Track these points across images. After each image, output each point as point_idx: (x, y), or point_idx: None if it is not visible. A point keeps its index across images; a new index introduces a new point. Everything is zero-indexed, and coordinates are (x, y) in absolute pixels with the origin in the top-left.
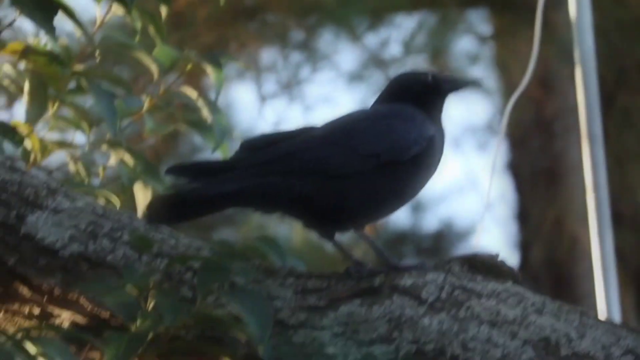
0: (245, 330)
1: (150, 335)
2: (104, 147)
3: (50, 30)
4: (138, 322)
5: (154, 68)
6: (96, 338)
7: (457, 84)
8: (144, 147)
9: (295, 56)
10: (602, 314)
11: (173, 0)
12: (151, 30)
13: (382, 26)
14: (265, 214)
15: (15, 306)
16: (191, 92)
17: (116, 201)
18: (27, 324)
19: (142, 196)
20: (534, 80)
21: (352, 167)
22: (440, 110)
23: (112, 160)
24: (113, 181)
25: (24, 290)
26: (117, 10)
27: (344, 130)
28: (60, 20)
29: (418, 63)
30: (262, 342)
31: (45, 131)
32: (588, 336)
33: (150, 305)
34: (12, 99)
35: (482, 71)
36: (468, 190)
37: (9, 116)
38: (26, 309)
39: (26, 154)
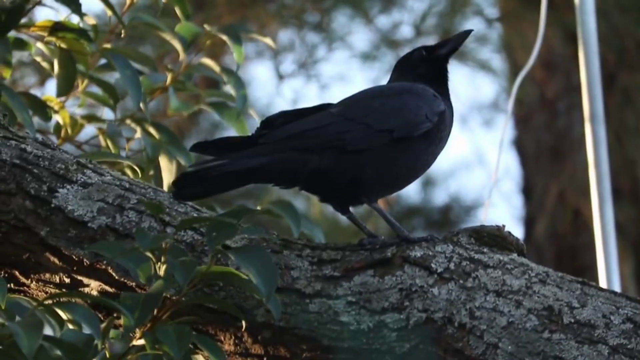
0: (252, 287)
1: (165, 294)
2: (129, 121)
3: (77, 7)
4: (152, 282)
5: (177, 44)
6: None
7: (449, 44)
8: (167, 122)
9: (312, 37)
10: (603, 284)
11: None
12: (177, 10)
13: (394, 8)
14: (284, 188)
15: (47, 276)
16: (213, 65)
17: (141, 172)
18: (57, 292)
19: (167, 168)
20: (538, 60)
21: (367, 142)
22: (446, 81)
23: (138, 134)
24: (138, 153)
25: (55, 260)
26: None
27: (359, 107)
28: (88, 0)
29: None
30: (268, 297)
31: (75, 107)
32: (589, 305)
33: (164, 266)
34: (44, 77)
35: (489, 52)
36: (475, 166)
37: (40, 93)
38: (57, 278)
39: (58, 128)
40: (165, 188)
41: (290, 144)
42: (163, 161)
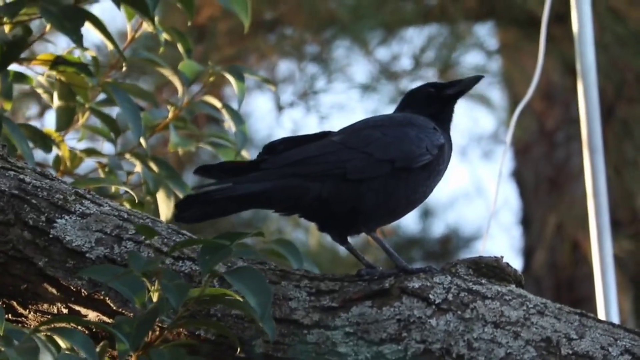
0: (246, 309)
1: (158, 317)
2: (129, 155)
3: (78, 39)
4: (146, 307)
5: (177, 82)
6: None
7: (458, 86)
8: (167, 155)
9: (311, 68)
10: (601, 316)
11: (196, 12)
12: (179, 46)
13: (394, 40)
14: (284, 215)
15: (45, 306)
16: (215, 102)
17: (140, 207)
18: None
19: (165, 202)
20: (537, 92)
21: (368, 171)
22: (449, 118)
23: (138, 168)
24: (137, 187)
25: (53, 291)
26: (148, 27)
27: (360, 136)
28: (91, 33)
29: (428, 76)
30: (263, 319)
31: (75, 141)
32: (587, 336)
33: (157, 290)
34: (44, 107)
35: (488, 84)
36: (474, 197)
37: (40, 124)
38: (54, 309)
39: (58, 161)
40: (163, 220)
41: (292, 170)
42: (161, 196)
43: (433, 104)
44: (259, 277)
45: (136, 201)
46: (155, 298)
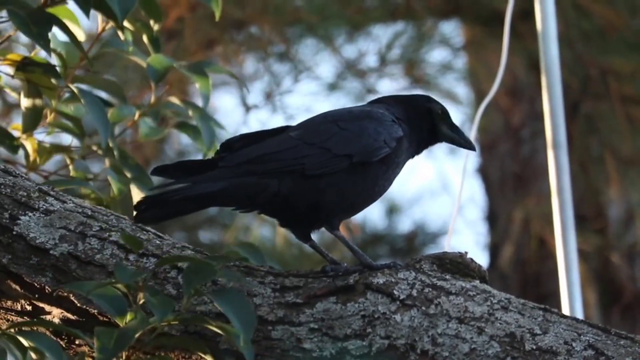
0: (228, 330)
1: (139, 332)
2: (99, 152)
3: (45, 44)
4: (127, 318)
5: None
6: (85, 333)
7: (456, 131)
8: (133, 151)
9: (278, 67)
10: (566, 311)
11: (163, 16)
12: (145, 40)
13: (360, 37)
14: (245, 212)
15: (8, 303)
16: (177, 102)
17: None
18: (19, 320)
19: (138, 196)
20: (502, 88)
21: (326, 167)
22: (421, 132)
23: (106, 163)
24: (106, 186)
25: (17, 288)
26: (117, 29)
27: (318, 131)
28: (59, 31)
29: (393, 73)
30: (246, 341)
31: (43, 135)
32: (551, 332)
33: (140, 302)
34: (10, 107)
35: (453, 80)
36: (440, 193)
37: (6, 123)
38: (18, 306)
39: (27, 157)
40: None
41: (250, 168)
42: (134, 190)
43: (427, 120)
44: (242, 300)
45: (104, 203)
46: (136, 310)
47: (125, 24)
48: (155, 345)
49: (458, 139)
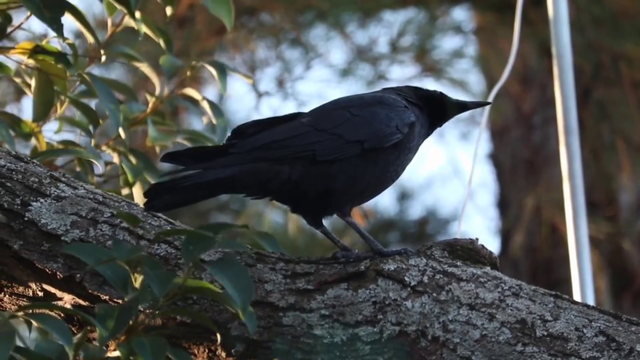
0: (226, 298)
1: (140, 306)
2: (106, 147)
3: (58, 28)
4: (129, 294)
5: (155, 78)
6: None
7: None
8: (145, 149)
9: (290, 53)
10: (577, 298)
11: (177, 3)
12: (160, 42)
13: (371, 24)
14: (256, 199)
15: (20, 289)
16: (195, 94)
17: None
18: (29, 304)
19: (140, 194)
20: (514, 74)
21: (337, 153)
22: (436, 114)
23: (115, 159)
24: (114, 178)
25: (28, 274)
26: (129, 21)
27: (330, 118)
28: (71, 23)
29: (404, 59)
30: (244, 310)
31: (52, 132)
32: (562, 318)
33: (140, 278)
34: (20, 94)
35: (464, 67)
36: (452, 179)
37: (17, 109)
38: (30, 292)
39: (35, 152)
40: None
41: (261, 154)
42: (136, 188)
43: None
44: (240, 269)
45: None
46: (137, 285)
47: (143, 28)
48: (162, 330)
49: (471, 102)
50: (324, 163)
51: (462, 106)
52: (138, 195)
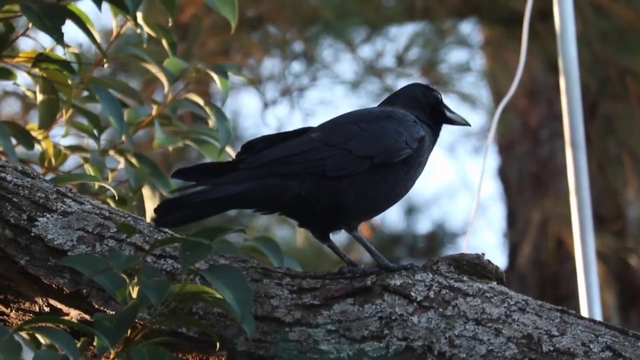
0: (224, 306)
1: (139, 314)
2: (113, 152)
3: (59, 37)
4: (127, 303)
5: (163, 78)
6: None
7: (450, 116)
8: (153, 153)
9: (296, 65)
10: (584, 312)
11: (179, 11)
12: (163, 42)
13: (378, 37)
14: (265, 214)
15: (27, 304)
16: (198, 99)
17: (124, 203)
18: (34, 318)
19: (150, 198)
20: (521, 89)
21: (347, 168)
22: (438, 120)
23: (122, 164)
24: (122, 183)
25: (35, 289)
26: (132, 23)
27: (339, 133)
28: (75, 30)
29: (411, 73)
30: (242, 317)
31: (59, 137)
32: (569, 333)
33: (137, 287)
34: (27, 107)
35: (471, 81)
36: (461, 193)
37: (24, 122)
38: (36, 307)
39: (43, 158)
40: (148, 218)
41: (271, 170)
42: (146, 191)
43: (432, 109)
44: (238, 276)
45: (116, 197)
46: (134, 295)
47: (146, 29)
48: (160, 330)
49: (459, 119)
50: (333, 179)
51: (448, 120)
52: (148, 198)
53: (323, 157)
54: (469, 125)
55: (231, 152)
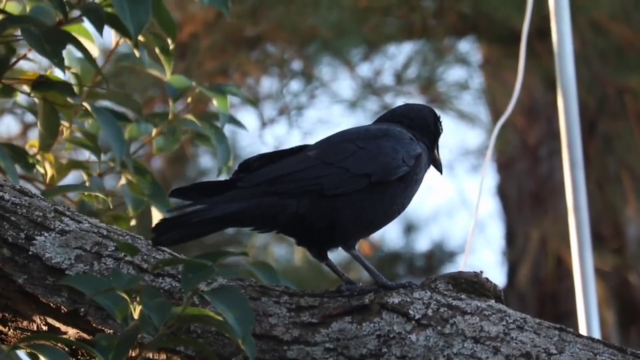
0: (226, 327)
1: (140, 335)
2: (116, 168)
3: (59, 62)
4: (128, 323)
5: (163, 78)
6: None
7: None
8: (152, 171)
9: (295, 84)
10: (583, 331)
11: (178, 31)
12: (157, 51)
13: (376, 56)
14: (263, 232)
15: (24, 323)
16: (198, 120)
17: (123, 224)
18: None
19: (157, 216)
20: (519, 107)
21: (344, 186)
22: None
23: (122, 182)
24: (123, 203)
25: (32, 308)
26: (133, 47)
27: (336, 151)
28: (73, 48)
29: (409, 91)
30: (244, 338)
31: (60, 152)
32: (567, 351)
33: (139, 307)
34: (26, 127)
35: (469, 99)
36: (460, 211)
37: (23, 142)
38: (34, 326)
39: (44, 174)
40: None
41: (268, 188)
42: (154, 209)
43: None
44: (240, 297)
45: (110, 206)
46: (136, 315)
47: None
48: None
49: (439, 164)
50: (330, 197)
51: (434, 158)
52: (156, 213)
53: (320, 175)
54: (441, 173)
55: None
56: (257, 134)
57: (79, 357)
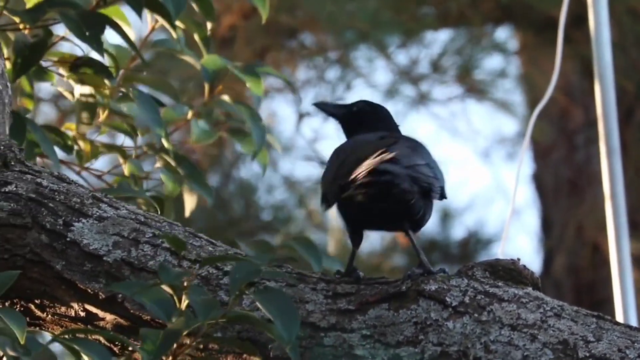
0: (272, 330)
1: (185, 332)
2: (151, 152)
3: (99, 47)
4: (173, 319)
5: (198, 66)
6: (137, 340)
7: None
8: (191, 147)
9: (331, 73)
10: (619, 318)
11: (217, 18)
12: (197, 38)
13: (413, 44)
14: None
15: (62, 309)
16: (228, 100)
17: (161, 206)
18: (72, 326)
19: (189, 200)
20: (557, 94)
21: (437, 193)
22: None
23: (158, 164)
24: (159, 186)
25: (70, 294)
26: (171, 30)
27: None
28: (110, 31)
29: (446, 80)
30: (289, 343)
31: (96, 135)
32: (604, 339)
33: (185, 303)
34: (64, 114)
35: (507, 87)
36: (497, 198)
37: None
38: (72, 312)
39: (80, 156)
40: (187, 212)
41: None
42: (186, 193)
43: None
44: (286, 301)
45: (155, 206)
46: (183, 307)
47: (177, 23)
48: (204, 348)
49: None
50: (431, 200)
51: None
52: (188, 200)
53: (434, 176)
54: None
55: (265, 154)
56: (294, 124)
57: (117, 343)
